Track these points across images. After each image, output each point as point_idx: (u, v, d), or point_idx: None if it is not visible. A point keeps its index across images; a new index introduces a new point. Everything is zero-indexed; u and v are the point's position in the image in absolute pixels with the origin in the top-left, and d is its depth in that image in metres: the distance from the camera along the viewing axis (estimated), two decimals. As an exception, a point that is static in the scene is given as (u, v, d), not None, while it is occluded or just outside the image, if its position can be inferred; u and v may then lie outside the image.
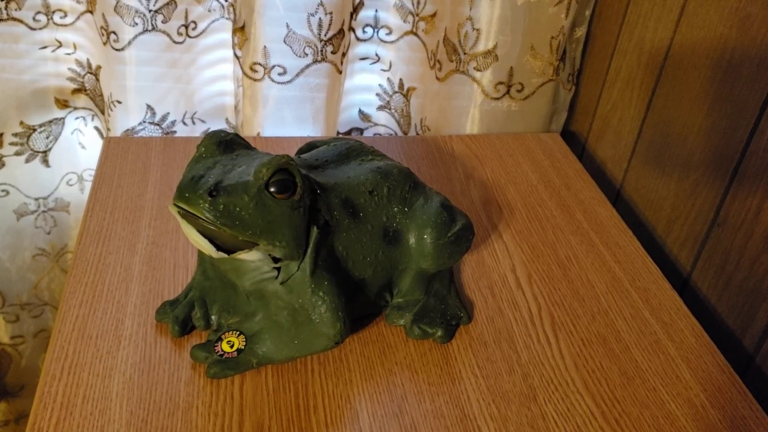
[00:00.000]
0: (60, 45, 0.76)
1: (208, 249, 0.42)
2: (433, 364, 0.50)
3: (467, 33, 0.74)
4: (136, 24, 0.70)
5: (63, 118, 0.81)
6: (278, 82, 0.75)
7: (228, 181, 0.41)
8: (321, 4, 0.71)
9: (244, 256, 0.43)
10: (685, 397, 0.49)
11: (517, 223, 0.65)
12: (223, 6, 0.75)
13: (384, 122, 0.85)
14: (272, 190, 0.42)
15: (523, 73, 0.77)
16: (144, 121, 0.76)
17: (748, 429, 0.47)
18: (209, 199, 0.40)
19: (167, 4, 0.70)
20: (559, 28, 0.75)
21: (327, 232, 0.46)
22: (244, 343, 0.48)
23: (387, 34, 0.79)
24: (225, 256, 0.42)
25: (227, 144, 0.45)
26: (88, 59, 0.77)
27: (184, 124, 0.79)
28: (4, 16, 0.71)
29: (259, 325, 0.48)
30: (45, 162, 0.82)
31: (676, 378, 0.50)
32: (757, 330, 0.55)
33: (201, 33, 0.75)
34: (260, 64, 0.73)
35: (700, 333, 0.54)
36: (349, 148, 0.53)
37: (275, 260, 0.44)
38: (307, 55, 0.73)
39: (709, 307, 0.61)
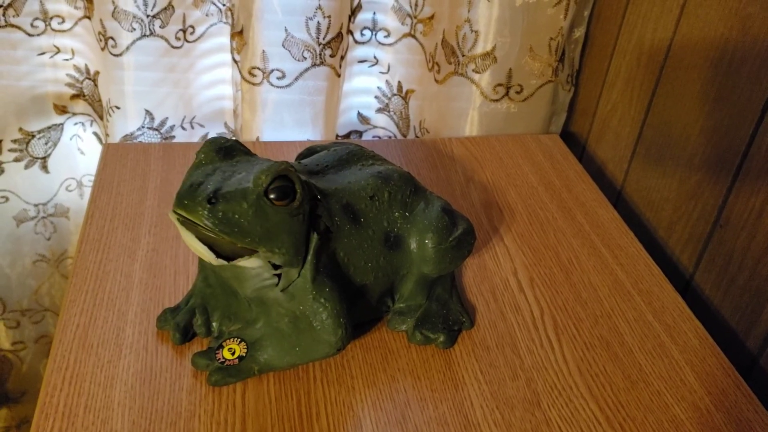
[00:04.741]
0: (58, 51, 0.75)
1: (208, 256, 0.41)
2: (436, 370, 0.49)
3: (465, 35, 0.74)
4: (134, 29, 0.70)
5: (62, 124, 0.80)
6: (277, 86, 0.75)
7: (227, 188, 0.41)
8: (319, 7, 0.70)
9: (244, 263, 0.43)
10: (689, 400, 0.49)
11: (518, 226, 0.64)
12: (221, 10, 0.74)
13: (383, 125, 0.85)
14: (272, 197, 0.42)
15: (522, 74, 0.77)
16: (143, 126, 0.76)
17: (752, 432, 0.47)
18: (208, 206, 0.40)
19: (165, 9, 0.70)
20: (557, 29, 0.74)
21: (328, 238, 0.46)
22: (245, 350, 0.47)
23: (385, 36, 0.79)
24: (225, 263, 0.42)
25: (227, 150, 0.44)
26: (86, 65, 0.77)
27: (183, 128, 0.78)
28: (2, 23, 0.71)
29: (260, 332, 0.48)
30: (44, 168, 0.81)
31: (680, 381, 0.50)
32: (761, 331, 0.55)
33: (199, 37, 0.75)
34: (259, 69, 0.73)
35: (704, 335, 0.54)
36: (349, 152, 0.53)
37: (275, 267, 0.44)
38: (305, 58, 0.73)
39: (711, 308, 0.61)
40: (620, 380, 0.50)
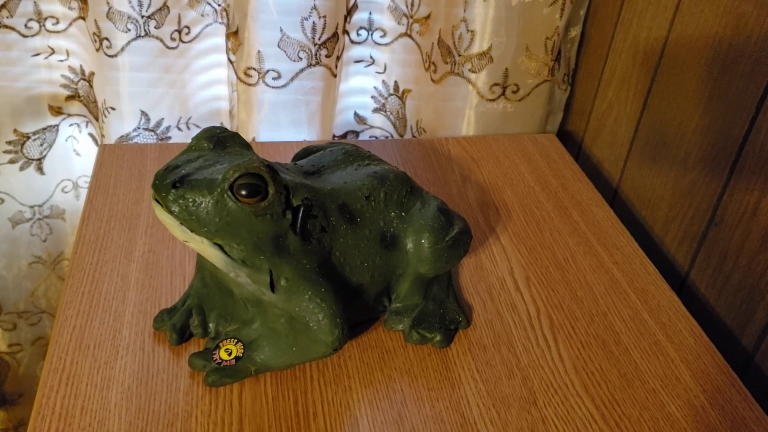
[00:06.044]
0: (53, 52, 0.75)
1: (174, 225, 0.42)
2: (433, 369, 0.49)
3: (462, 34, 0.74)
4: (129, 30, 0.70)
5: (57, 125, 0.80)
6: (273, 87, 0.74)
7: (197, 176, 0.42)
8: (314, 7, 0.70)
9: (204, 247, 0.43)
10: (684, 398, 0.49)
11: (515, 225, 0.64)
12: (216, 10, 0.74)
13: (379, 125, 0.85)
14: (243, 193, 0.41)
15: (518, 74, 0.77)
16: (138, 127, 0.76)
17: (748, 429, 0.47)
18: (172, 190, 0.41)
19: (160, 9, 0.70)
20: (553, 28, 0.75)
21: (319, 239, 0.46)
22: (242, 351, 0.47)
23: (381, 36, 0.79)
24: (189, 234, 0.42)
25: (219, 140, 0.45)
26: (81, 66, 0.77)
27: (179, 129, 0.78)
28: (-4, 24, 0.71)
29: (257, 332, 0.48)
30: (39, 169, 0.81)
31: (676, 379, 0.50)
32: (756, 329, 0.55)
33: (194, 38, 0.75)
34: (254, 69, 0.73)
35: (699, 333, 0.54)
36: (345, 153, 0.53)
37: (244, 264, 0.44)
38: (301, 59, 0.73)
39: (707, 306, 0.61)
40: (616, 378, 0.50)
